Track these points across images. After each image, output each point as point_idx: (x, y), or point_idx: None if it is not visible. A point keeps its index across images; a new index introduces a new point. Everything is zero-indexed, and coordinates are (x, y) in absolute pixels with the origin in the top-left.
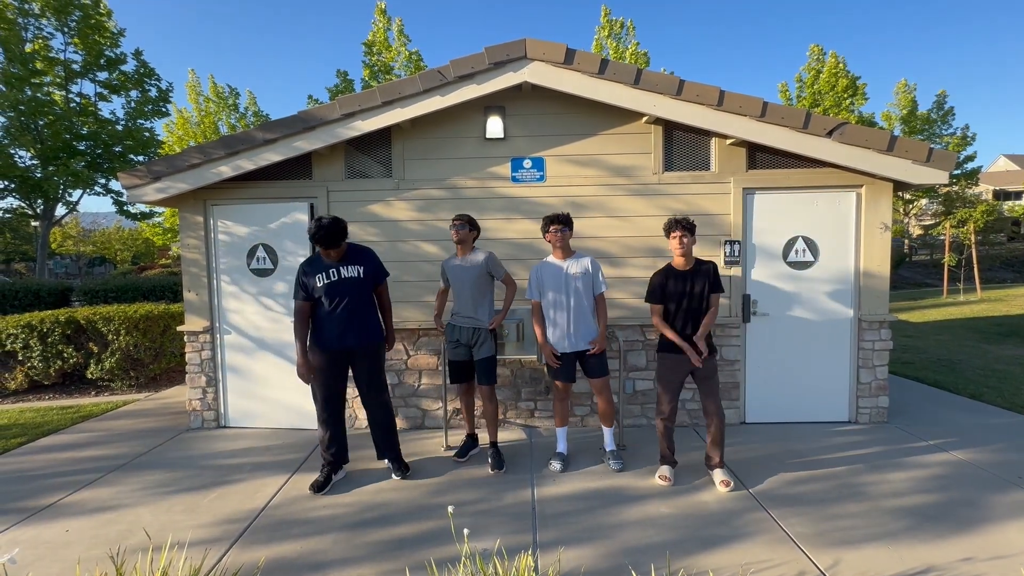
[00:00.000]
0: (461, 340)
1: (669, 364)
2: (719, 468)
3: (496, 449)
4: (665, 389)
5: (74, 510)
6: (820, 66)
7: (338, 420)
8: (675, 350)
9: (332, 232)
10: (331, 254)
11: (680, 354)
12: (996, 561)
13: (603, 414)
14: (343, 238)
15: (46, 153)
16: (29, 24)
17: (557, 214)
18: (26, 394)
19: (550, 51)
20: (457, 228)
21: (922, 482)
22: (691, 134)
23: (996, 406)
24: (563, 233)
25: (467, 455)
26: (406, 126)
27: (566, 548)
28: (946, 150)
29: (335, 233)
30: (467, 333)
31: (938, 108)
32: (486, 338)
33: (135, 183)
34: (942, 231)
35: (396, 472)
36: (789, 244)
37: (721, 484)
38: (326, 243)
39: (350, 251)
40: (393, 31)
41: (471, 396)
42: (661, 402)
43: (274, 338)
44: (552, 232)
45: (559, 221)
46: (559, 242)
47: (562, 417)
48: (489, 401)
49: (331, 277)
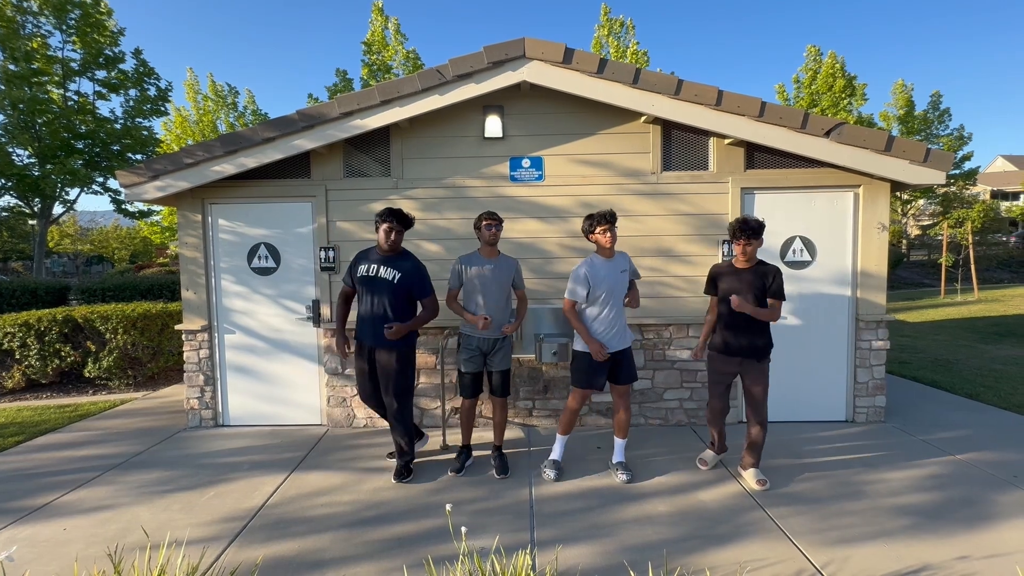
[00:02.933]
0: (482, 348)
1: (716, 363)
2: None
3: (501, 453)
4: (710, 385)
5: (71, 509)
6: (817, 66)
7: (379, 406)
8: (721, 350)
9: (399, 215)
10: (384, 248)
11: (726, 354)
12: (992, 560)
13: (623, 424)
14: (405, 224)
15: (44, 151)
16: (27, 22)
17: (604, 212)
18: (23, 393)
19: (549, 50)
20: (495, 227)
21: (919, 481)
22: (690, 134)
23: (993, 406)
24: (613, 231)
25: (464, 467)
26: (405, 125)
27: (564, 547)
28: (943, 151)
29: (402, 217)
30: (488, 342)
31: (933, 108)
32: (505, 347)
33: (134, 181)
34: (940, 231)
35: (394, 474)
36: (787, 244)
37: (758, 484)
38: (389, 218)
39: (403, 255)
40: (390, 30)
41: (475, 409)
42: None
43: (276, 337)
44: (599, 232)
45: (608, 220)
46: (610, 242)
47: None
48: (502, 409)
49: (370, 272)
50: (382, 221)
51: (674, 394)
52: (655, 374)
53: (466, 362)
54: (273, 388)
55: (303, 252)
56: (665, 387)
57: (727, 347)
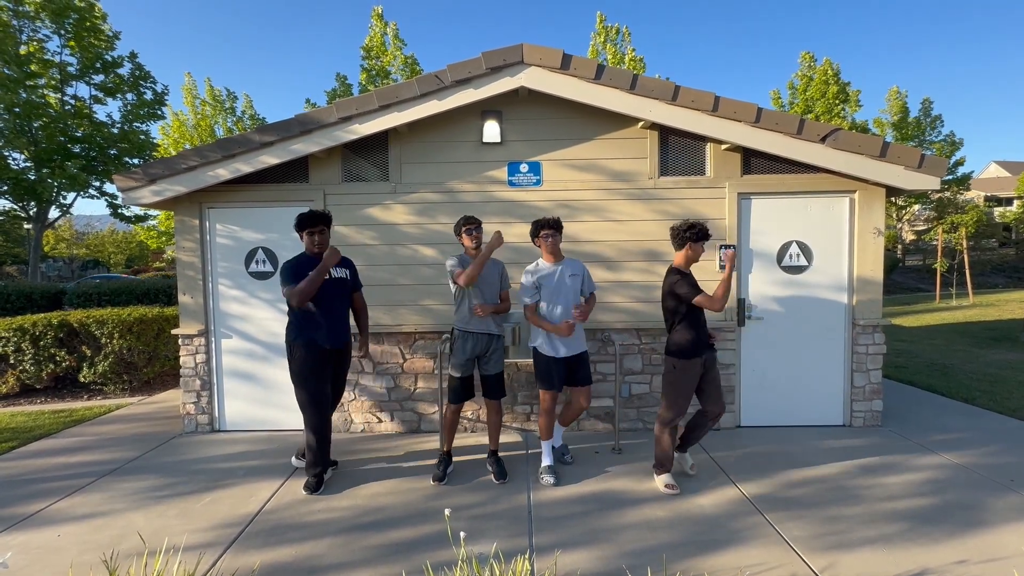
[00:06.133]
0: (476, 351)
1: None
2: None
3: (498, 458)
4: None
5: (66, 515)
6: (812, 72)
7: (329, 420)
8: (692, 353)
9: (315, 215)
10: (316, 249)
11: (697, 357)
12: (990, 564)
13: (572, 415)
14: (325, 223)
15: (40, 155)
16: (24, 26)
17: (546, 219)
18: (17, 398)
19: (547, 56)
20: (474, 231)
21: (916, 485)
22: (687, 139)
23: (989, 410)
24: (554, 238)
25: (446, 475)
26: (403, 130)
27: (563, 551)
28: (937, 156)
29: (318, 216)
30: (483, 343)
31: (925, 114)
32: (499, 349)
33: (131, 185)
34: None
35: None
36: (783, 249)
37: (691, 468)
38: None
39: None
40: (389, 35)
41: (459, 415)
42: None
43: (273, 341)
44: (542, 237)
45: (550, 226)
46: (549, 248)
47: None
48: (498, 412)
49: (328, 276)
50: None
51: None
52: (652, 379)
53: (460, 366)
54: (270, 393)
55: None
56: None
57: (696, 348)
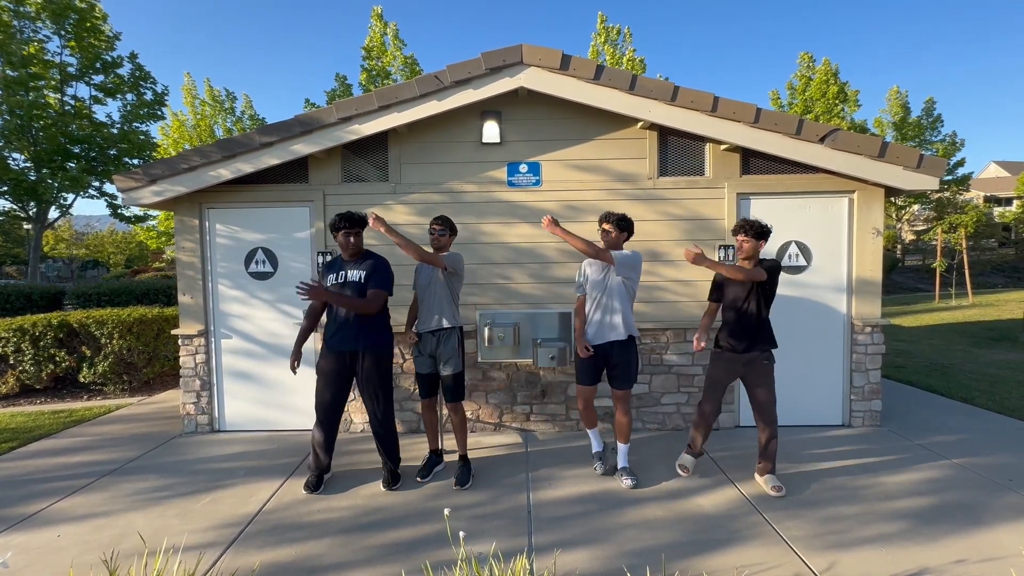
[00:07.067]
0: (424, 350)
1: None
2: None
3: (466, 462)
4: (707, 387)
5: (66, 515)
6: (811, 73)
7: (332, 424)
8: (729, 349)
9: (348, 216)
10: (348, 254)
11: (733, 353)
12: (988, 563)
13: (622, 428)
14: (358, 225)
15: (40, 156)
16: (25, 27)
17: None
18: (17, 398)
19: (546, 57)
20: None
21: (915, 485)
22: (686, 139)
23: (988, 410)
24: (604, 231)
25: (431, 473)
26: (403, 130)
27: (562, 551)
28: (936, 156)
29: (348, 217)
30: (431, 341)
31: (927, 114)
32: (449, 347)
33: (131, 186)
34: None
35: (383, 482)
36: (783, 249)
37: (773, 490)
38: (339, 225)
39: (365, 256)
40: (389, 36)
41: (434, 410)
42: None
43: (273, 342)
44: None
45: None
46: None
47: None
48: (456, 413)
49: (339, 279)
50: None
51: (671, 399)
52: (652, 379)
53: (416, 363)
54: (270, 393)
55: (301, 257)
56: (663, 392)
57: (735, 348)
